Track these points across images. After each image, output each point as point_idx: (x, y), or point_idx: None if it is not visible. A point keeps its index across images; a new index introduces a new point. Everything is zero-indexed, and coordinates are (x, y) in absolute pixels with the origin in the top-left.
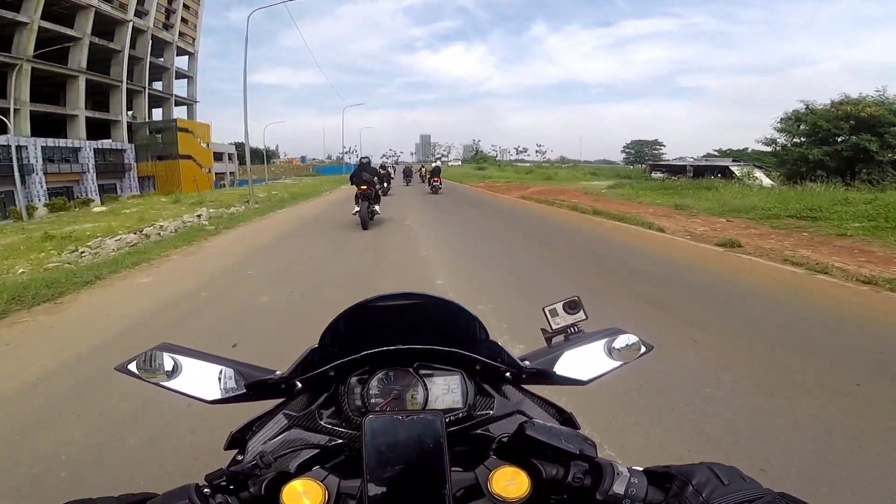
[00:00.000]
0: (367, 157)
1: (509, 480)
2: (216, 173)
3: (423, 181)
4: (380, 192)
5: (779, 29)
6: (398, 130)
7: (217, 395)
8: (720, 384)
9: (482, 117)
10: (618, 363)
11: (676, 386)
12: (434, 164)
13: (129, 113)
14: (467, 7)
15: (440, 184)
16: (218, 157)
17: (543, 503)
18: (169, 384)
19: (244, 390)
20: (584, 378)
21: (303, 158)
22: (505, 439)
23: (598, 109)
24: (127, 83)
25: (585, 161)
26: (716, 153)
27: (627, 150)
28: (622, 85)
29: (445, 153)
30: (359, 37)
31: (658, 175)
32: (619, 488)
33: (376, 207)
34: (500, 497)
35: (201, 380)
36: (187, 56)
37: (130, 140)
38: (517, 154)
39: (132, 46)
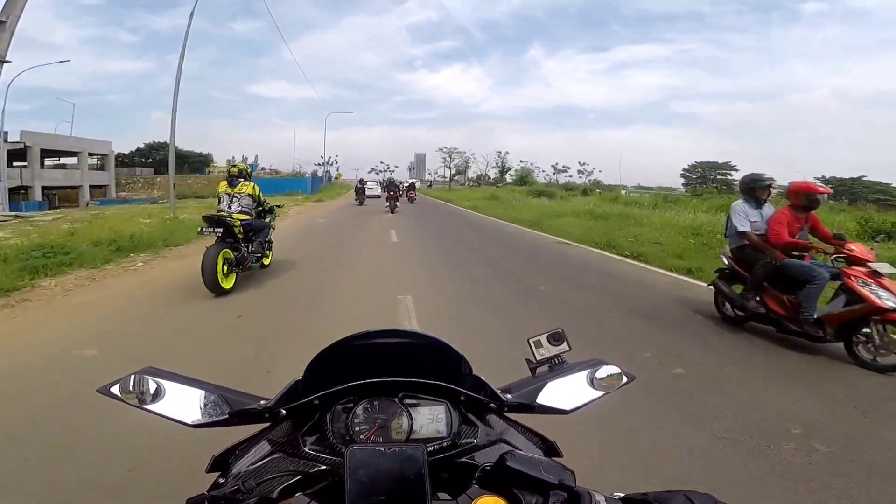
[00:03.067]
0: (392, 177)
1: None
2: (46, 188)
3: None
4: (400, 195)
5: (772, 55)
6: (394, 149)
7: (199, 420)
8: None
9: (479, 138)
10: (600, 393)
11: None
12: (410, 182)
13: None
14: (466, 27)
15: (415, 195)
16: (51, 155)
17: None
18: (151, 407)
19: (227, 416)
20: (567, 408)
21: (252, 167)
22: (488, 468)
23: (594, 134)
24: None
25: (623, 185)
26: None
27: (688, 174)
28: (616, 109)
29: (461, 167)
30: (357, 53)
31: None
32: None
33: (397, 203)
34: None
35: (184, 404)
36: None
37: None
38: (554, 173)
39: None
